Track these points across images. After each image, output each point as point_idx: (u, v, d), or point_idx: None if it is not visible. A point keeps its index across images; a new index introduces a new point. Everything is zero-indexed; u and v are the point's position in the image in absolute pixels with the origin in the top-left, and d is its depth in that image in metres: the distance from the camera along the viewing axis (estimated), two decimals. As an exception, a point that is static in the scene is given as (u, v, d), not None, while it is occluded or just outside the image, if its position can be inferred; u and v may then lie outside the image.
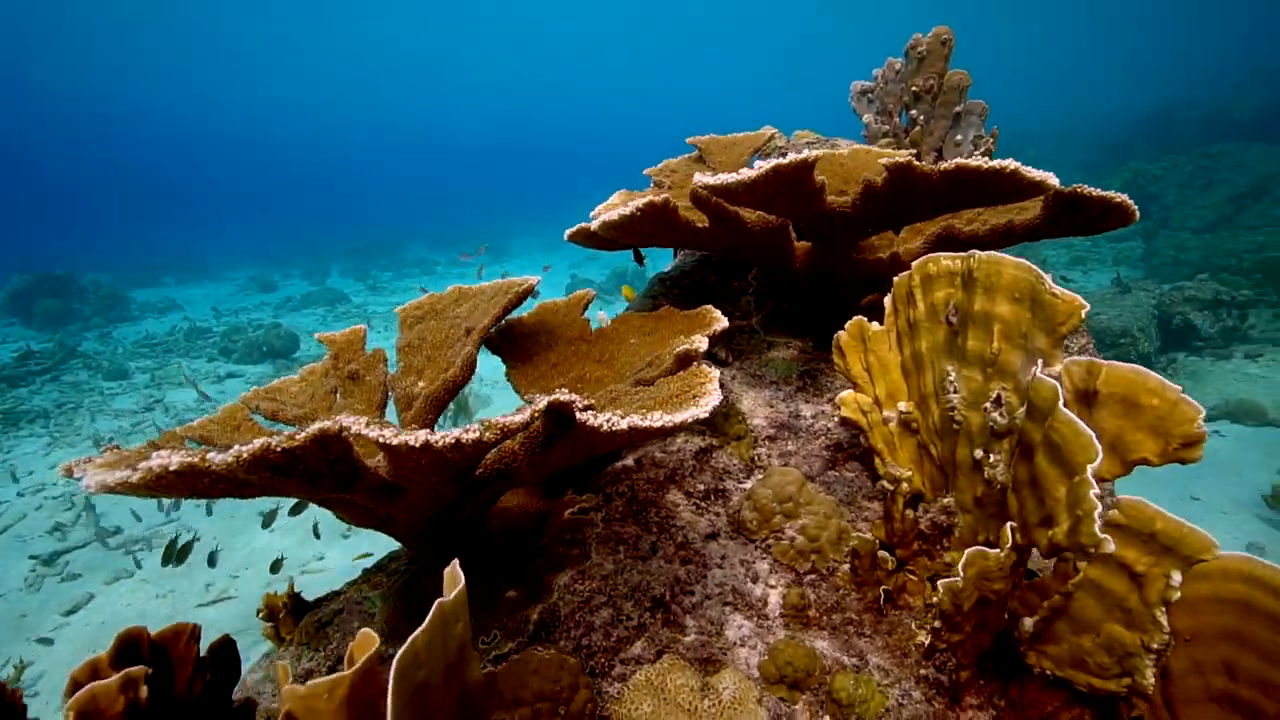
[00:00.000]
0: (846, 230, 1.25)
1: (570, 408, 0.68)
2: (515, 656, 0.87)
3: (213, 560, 3.76)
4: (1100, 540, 0.64)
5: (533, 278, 1.26)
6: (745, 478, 1.23)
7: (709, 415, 0.74)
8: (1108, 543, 0.64)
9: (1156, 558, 0.72)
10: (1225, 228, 9.57)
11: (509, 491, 1.21)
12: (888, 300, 1.07)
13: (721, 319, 1.11)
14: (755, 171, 0.99)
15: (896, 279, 1.04)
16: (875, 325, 1.08)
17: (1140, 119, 15.86)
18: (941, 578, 0.92)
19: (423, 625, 0.48)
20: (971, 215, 1.33)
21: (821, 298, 1.48)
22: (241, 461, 0.56)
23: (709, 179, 1.03)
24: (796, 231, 1.42)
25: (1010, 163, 0.95)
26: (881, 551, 1.04)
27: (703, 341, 1.01)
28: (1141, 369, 0.73)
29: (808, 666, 0.92)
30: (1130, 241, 10.24)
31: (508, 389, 7.12)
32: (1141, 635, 0.75)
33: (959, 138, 1.81)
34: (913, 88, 1.82)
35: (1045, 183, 0.97)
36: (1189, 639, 0.82)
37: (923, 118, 1.83)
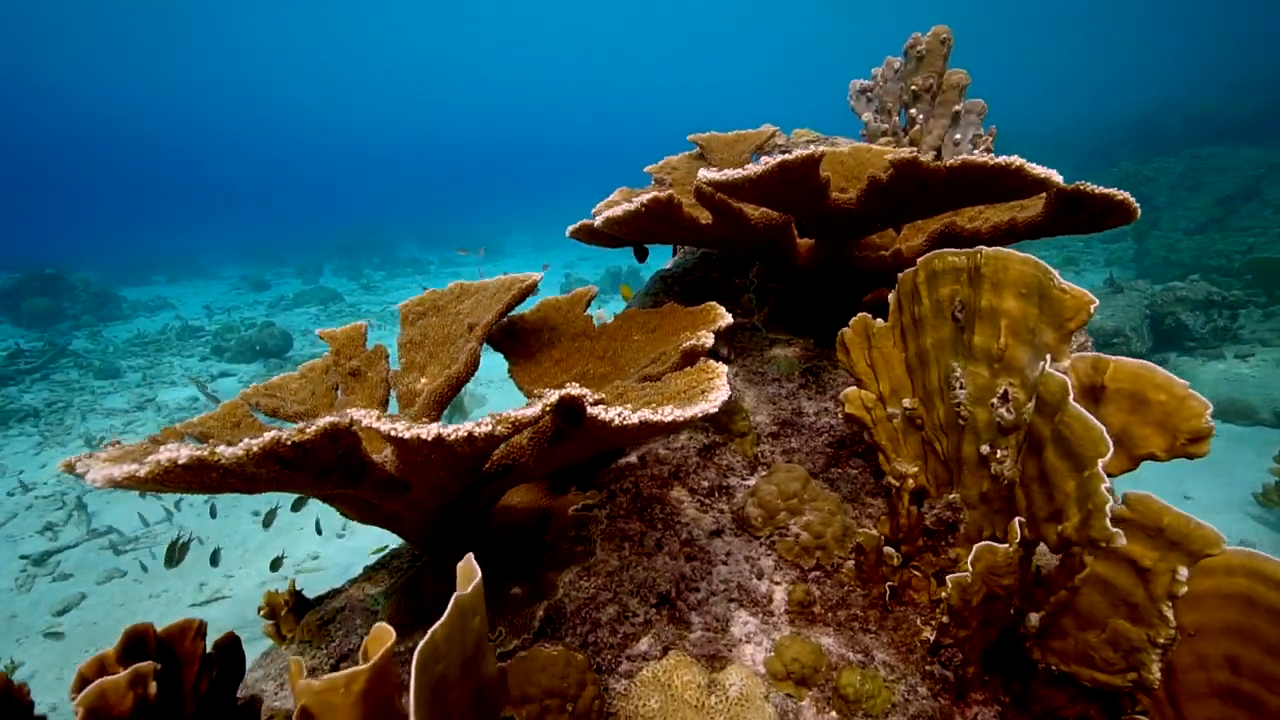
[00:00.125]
0: (850, 227, 1.26)
1: (581, 402, 0.68)
2: (522, 653, 0.86)
3: (215, 560, 3.74)
4: (1112, 534, 0.64)
5: (535, 274, 1.25)
6: (749, 475, 1.23)
7: (716, 410, 0.74)
8: (1119, 536, 0.64)
9: (1163, 553, 0.72)
10: (1216, 229, 9.66)
11: (513, 488, 1.21)
12: (892, 296, 1.06)
13: (726, 315, 1.10)
14: (761, 167, 0.99)
15: (901, 275, 1.04)
16: (879, 321, 1.08)
17: (1131, 121, 16.00)
18: (947, 574, 0.92)
19: (442, 619, 0.48)
20: (973, 213, 1.33)
21: (823, 295, 1.48)
22: (251, 455, 0.55)
23: (714, 174, 1.03)
24: (799, 228, 1.42)
25: (1015, 159, 0.95)
26: (886, 548, 1.05)
27: (709, 337, 1.00)
28: (1148, 364, 0.74)
29: (814, 663, 0.92)
30: (1122, 242, 10.33)
31: (503, 388, 7.10)
32: (1148, 630, 0.75)
33: (958, 136, 1.82)
34: (912, 86, 1.82)
35: (1050, 179, 0.97)
36: (1192, 634, 0.82)
37: (922, 116, 1.84)
